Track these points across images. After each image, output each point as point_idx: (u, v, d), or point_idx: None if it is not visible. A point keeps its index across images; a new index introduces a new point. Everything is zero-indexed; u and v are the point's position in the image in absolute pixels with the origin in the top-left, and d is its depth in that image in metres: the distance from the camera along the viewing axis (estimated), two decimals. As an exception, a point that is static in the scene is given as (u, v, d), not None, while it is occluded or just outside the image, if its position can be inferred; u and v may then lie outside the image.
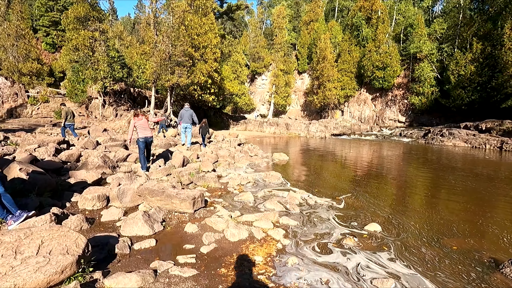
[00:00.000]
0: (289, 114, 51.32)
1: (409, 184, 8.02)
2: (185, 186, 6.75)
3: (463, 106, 33.71)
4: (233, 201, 5.75)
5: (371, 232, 4.29)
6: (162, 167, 7.68)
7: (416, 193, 7.06)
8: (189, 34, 21.16)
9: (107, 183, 6.79)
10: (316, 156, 14.34)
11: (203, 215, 4.80)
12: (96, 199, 5.02)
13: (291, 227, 4.42)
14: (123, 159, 9.11)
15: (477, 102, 32.36)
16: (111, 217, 4.56)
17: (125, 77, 24.92)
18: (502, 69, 29.49)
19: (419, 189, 7.45)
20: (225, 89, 29.42)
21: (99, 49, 21.33)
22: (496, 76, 30.17)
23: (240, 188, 6.78)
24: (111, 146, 11.00)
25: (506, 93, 29.29)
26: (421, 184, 8.01)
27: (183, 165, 8.52)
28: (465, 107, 33.56)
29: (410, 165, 12.09)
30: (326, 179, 8.40)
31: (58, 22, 38.24)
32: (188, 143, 11.98)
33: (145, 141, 7.60)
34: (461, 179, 8.63)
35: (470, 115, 33.41)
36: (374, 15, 44.46)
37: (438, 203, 6.12)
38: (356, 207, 5.54)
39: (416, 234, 4.26)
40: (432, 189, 7.35)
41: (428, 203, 6.04)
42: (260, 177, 8.11)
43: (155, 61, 19.42)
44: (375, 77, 42.20)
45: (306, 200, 5.86)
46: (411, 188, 7.59)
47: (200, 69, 21.45)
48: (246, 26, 58.87)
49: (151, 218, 4.21)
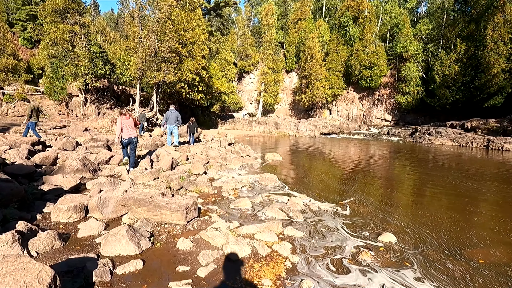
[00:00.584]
0: (277, 113, 51.03)
1: (410, 186, 7.72)
2: (175, 191, 6.15)
3: (447, 105, 34.40)
4: (229, 208, 5.21)
5: (387, 244, 3.87)
6: (149, 170, 7.03)
7: (421, 195, 6.74)
8: (176, 29, 20.31)
9: (86, 189, 6.10)
10: (309, 156, 13.97)
11: (197, 227, 4.24)
12: (73, 210, 4.36)
13: (298, 240, 3.94)
14: (105, 161, 8.37)
15: (461, 102, 33.08)
16: (90, 231, 3.92)
17: (108, 74, 23.74)
18: (485, 69, 30.22)
19: (422, 191, 7.14)
20: (213, 87, 28.68)
21: (80, 44, 20.15)
22: (479, 76, 30.89)
23: (236, 193, 6.24)
24: (93, 147, 10.19)
25: (489, 93, 30.05)
26: (423, 186, 7.72)
27: (172, 168, 7.89)
28: (450, 106, 34.26)
29: (406, 165, 11.90)
30: (325, 182, 7.98)
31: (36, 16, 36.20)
32: (176, 141, 11.61)
33: (129, 141, 7.39)
34: (462, 180, 8.44)
35: (454, 114, 34.16)
36: (361, 15, 44.76)
37: (446, 206, 5.81)
38: (363, 214, 5.13)
39: (436, 245, 3.88)
40: (435, 191, 7.06)
41: (436, 207, 5.70)
42: (255, 180, 7.60)
43: (140, 57, 18.49)
44: (362, 76, 42.51)
45: (309, 206, 5.40)
46: (413, 190, 7.28)
47: (188, 66, 20.66)
48: (233, 24, 58.07)
49: (137, 233, 3.61)
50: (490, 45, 29.73)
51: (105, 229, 4.05)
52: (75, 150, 9.80)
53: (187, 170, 7.85)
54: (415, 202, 6.07)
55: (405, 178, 8.79)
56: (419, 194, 6.86)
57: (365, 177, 8.85)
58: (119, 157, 8.45)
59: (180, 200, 4.38)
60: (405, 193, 6.99)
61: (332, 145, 20.16)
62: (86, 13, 21.82)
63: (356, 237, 4.08)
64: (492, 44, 29.64)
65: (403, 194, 6.81)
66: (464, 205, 5.89)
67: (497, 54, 29.18)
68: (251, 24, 60.00)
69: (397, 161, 12.94)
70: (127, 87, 27.64)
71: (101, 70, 21.45)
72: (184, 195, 5.87)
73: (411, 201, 6.13)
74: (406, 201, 6.10)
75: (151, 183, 6.53)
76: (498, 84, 28.92)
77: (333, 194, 6.49)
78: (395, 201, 6.03)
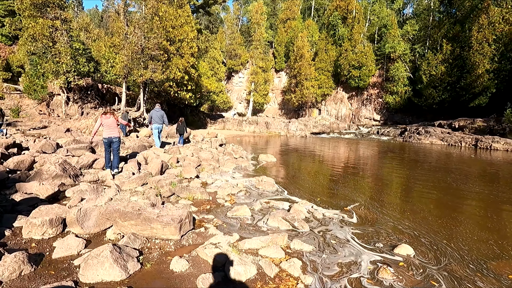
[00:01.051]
0: (267, 113, 50.71)
1: (412, 189, 7.44)
2: (166, 198, 5.62)
3: (434, 105, 34.97)
4: (226, 217, 4.74)
5: (406, 258, 3.51)
6: (137, 175, 6.46)
7: (425, 199, 6.45)
8: (164, 26, 19.58)
9: (66, 198, 5.49)
10: (303, 157, 13.63)
11: (193, 241, 3.75)
12: (48, 224, 3.79)
13: (307, 255, 3.52)
14: (88, 165, 7.72)
15: (447, 101, 33.68)
16: (68, 251, 3.37)
17: (91, 72, 22.69)
18: (470, 70, 30.85)
19: (426, 194, 6.88)
20: (202, 86, 28.03)
21: (61, 40, 19.09)
22: (464, 77, 31.52)
23: (232, 199, 5.77)
24: (75, 149, 9.48)
25: (474, 93, 30.69)
26: (425, 188, 7.47)
27: (162, 172, 7.33)
28: (436, 106, 34.84)
29: (403, 166, 11.73)
30: (325, 185, 7.62)
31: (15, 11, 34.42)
32: (158, 142, 11.17)
33: (109, 141, 7.05)
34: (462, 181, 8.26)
35: (441, 113, 34.76)
36: (350, 15, 44.99)
37: (455, 211, 5.54)
38: (371, 221, 4.77)
39: (458, 258, 3.55)
40: (439, 195, 6.81)
41: (445, 212, 5.43)
42: (251, 184, 7.15)
43: (125, 54, 17.67)
44: (351, 76, 42.73)
45: (313, 213, 5.00)
46: (416, 193, 7.00)
47: (176, 64, 19.97)
48: (222, 23, 57.33)
49: (123, 254, 3.10)
50: (475, 46, 30.36)
51: (86, 247, 3.51)
52: (55, 153, 9.08)
53: (178, 174, 7.32)
54: (422, 207, 5.76)
55: (405, 180, 8.54)
56: (423, 197, 6.58)
57: (364, 179, 8.56)
58: (103, 160, 7.82)
59: (173, 212, 3.88)
60: (409, 196, 6.69)
61: (325, 145, 19.95)
62: (67, 8, 20.75)
63: (370, 250, 3.70)
64: (477, 45, 30.27)
65: (407, 198, 6.52)
66: (473, 210, 5.64)
67: (481, 55, 29.82)
68: (240, 23, 59.44)
69: (393, 162, 12.77)
70: (113, 86, 26.58)
71: (84, 67, 20.42)
72: (176, 203, 5.36)
73: (418, 206, 5.82)
74: (412, 206, 5.79)
75: (139, 190, 5.98)
76: (483, 84, 29.56)
77: (335, 199, 6.12)
78: (401, 206, 5.72)
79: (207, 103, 40.18)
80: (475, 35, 30.49)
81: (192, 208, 5.13)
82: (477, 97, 30.54)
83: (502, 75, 29.31)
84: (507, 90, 29.67)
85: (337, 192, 6.75)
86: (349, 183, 7.92)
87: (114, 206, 3.78)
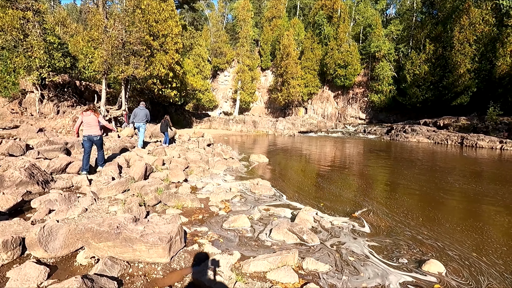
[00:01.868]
0: (253, 112, 50.11)
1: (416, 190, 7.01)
2: (151, 207, 4.91)
3: (418, 104, 35.58)
4: (222, 229, 4.10)
5: (439, 277, 3.02)
6: (117, 181, 5.69)
7: (436, 202, 6.00)
8: (147, 20, 18.55)
9: (32, 210, 4.67)
10: (295, 156, 13.15)
11: (185, 264, 3.10)
12: (1, 247, 3.03)
13: (324, 277, 2.95)
14: (61, 169, 6.84)
15: (431, 100, 34.33)
16: (24, 283, 2.64)
17: (68, 68, 21.25)
18: (452, 69, 31.54)
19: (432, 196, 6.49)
20: (188, 84, 27.05)
21: (33, 33, 17.67)
22: (447, 76, 32.20)
23: (227, 207, 5.14)
24: (47, 151, 8.52)
25: (456, 92, 31.39)
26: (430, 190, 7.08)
27: (146, 176, 6.58)
28: (420, 104, 35.45)
29: (399, 165, 11.45)
30: (324, 187, 7.10)
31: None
32: (140, 144, 10.48)
33: (89, 140, 6.68)
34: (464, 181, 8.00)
35: (425, 112, 35.40)
36: (335, 14, 45.10)
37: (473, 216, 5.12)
38: (386, 230, 4.28)
39: (497, 276, 3.10)
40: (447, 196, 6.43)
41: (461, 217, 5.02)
42: (246, 188, 6.53)
43: (105, 49, 16.53)
44: (337, 75, 42.86)
45: (319, 221, 4.45)
46: (424, 196, 6.53)
47: (160, 60, 18.99)
48: (206, 21, 56.13)
49: (97, 287, 2.41)
50: (457, 46, 31.02)
51: (50, 277, 2.78)
52: (25, 155, 8.11)
53: (164, 178, 6.59)
54: (434, 212, 5.30)
55: (405, 180, 8.15)
56: (432, 201, 6.12)
57: (364, 180, 8.13)
58: (79, 163, 6.97)
59: (161, 228, 3.20)
60: (417, 200, 6.22)
61: (314, 144, 19.60)
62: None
63: (396, 267, 3.18)
64: (459, 45, 30.95)
65: (415, 201, 6.04)
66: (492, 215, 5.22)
67: (463, 55, 30.51)
68: (225, 21, 58.46)
69: (388, 161, 12.50)
70: (92, 83, 25.14)
71: (60, 62, 19.05)
72: (163, 213, 4.66)
73: (430, 211, 5.35)
74: (424, 211, 5.32)
75: (119, 197, 5.22)
76: (465, 84, 30.25)
77: (340, 204, 5.61)
78: (412, 211, 5.25)
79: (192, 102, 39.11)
80: (456, 35, 31.15)
81: (182, 218, 4.46)
82: (459, 96, 31.23)
83: (482, 75, 30.11)
84: (487, 89, 30.54)
85: (340, 196, 6.25)
86: (349, 185, 7.47)
87: (86, 224, 3.05)
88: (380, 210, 5.18)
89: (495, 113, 22.74)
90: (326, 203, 5.56)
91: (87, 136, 6.63)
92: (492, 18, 30.32)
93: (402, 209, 5.31)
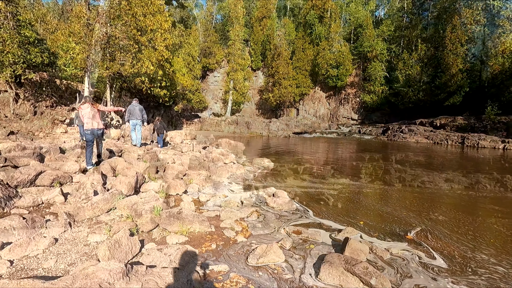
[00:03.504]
0: (244, 113, 48.97)
1: (466, 201, 6.01)
2: (146, 234, 3.72)
3: (410, 104, 35.45)
4: (248, 268, 2.98)
5: None
6: (100, 196, 4.45)
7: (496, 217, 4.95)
8: (134, 13, 17.13)
9: (-19, 240, 3.39)
10: (300, 159, 12.12)
11: None
12: None
13: None
14: (29, 181, 5.52)
15: (423, 100, 34.23)
16: None
17: (46, 64, 19.50)
18: (444, 69, 31.50)
19: (491, 208, 5.52)
20: (178, 84, 25.67)
21: (5, 25, 15.96)
22: (439, 76, 32.15)
23: (245, 229, 4.01)
24: (17, 157, 7.11)
25: (449, 92, 31.35)
26: (483, 200, 6.17)
27: (137, 188, 5.36)
28: (412, 105, 35.33)
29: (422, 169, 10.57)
30: (352, 198, 6.00)
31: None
32: (138, 142, 9.76)
33: (92, 133, 6.55)
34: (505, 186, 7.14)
35: (417, 112, 35.28)
36: (326, 14, 44.66)
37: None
38: (464, 263, 3.25)
39: None
40: (506, 208, 5.48)
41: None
42: (259, 200, 5.42)
43: (88, 43, 15.06)
44: (329, 75, 42.39)
45: (375, 252, 3.38)
46: (477, 208, 5.57)
47: (149, 57, 17.60)
48: (195, 20, 54.66)
49: None
50: (449, 46, 31.01)
51: None
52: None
53: (159, 190, 5.38)
54: (504, 231, 4.27)
55: (449, 190, 6.89)
56: (492, 215, 5.07)
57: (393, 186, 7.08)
58: (52, 172, 5.67)
59: (166, 280, 2.05)
60: (473, 214, 5.03)
61: (314, 146, 18.69)
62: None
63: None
64: (451, 45, 30.94)
65: (470, 215, 4.90)
66: None
67: (455, 55, 30.51)
68: (214, 20, 57.14)
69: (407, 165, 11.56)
70: (74, 82, 23.37)
71: (37, 58, 17.33)
72: (162, 242, 3.49)
73: (501, 231, 4.31)
74: (491, 230, 4.24)
75: (103, 220, 4.01)
76: (457, 84, 30.23)
77: (380, 220, 4.57)
78: (479, 231, 4.12)
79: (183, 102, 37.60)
80: (448, 35, 31.15)
81: (190, 248, 3.30)
82: (452, 96, 31.20)
83: (474, 75, 30.19)
84: (479, 89, 30.65)
85: (374, 209, 5.20)
86: (380, 193, 6.44)
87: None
88: (437, 230, 4.16)
89: (493, 112, 22.55)
90: (365, 221, 4.51)
91: (90, 129, 6.52)
92: (483, 19, 30.48)
93: (464, 228, 4.25)
